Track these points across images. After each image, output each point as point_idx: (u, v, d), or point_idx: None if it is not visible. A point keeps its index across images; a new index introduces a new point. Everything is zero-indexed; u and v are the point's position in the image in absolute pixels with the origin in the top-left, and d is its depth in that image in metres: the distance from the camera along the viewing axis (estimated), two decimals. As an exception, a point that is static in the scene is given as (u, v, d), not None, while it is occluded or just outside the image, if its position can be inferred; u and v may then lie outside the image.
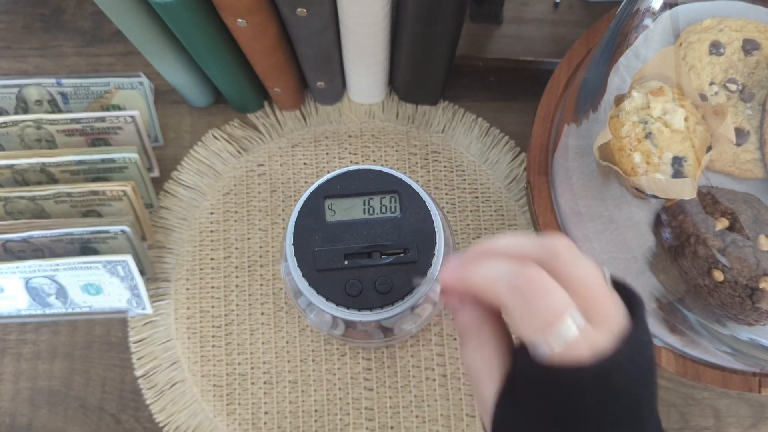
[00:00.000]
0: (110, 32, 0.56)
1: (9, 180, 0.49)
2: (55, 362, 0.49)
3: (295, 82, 0.50)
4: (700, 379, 0.41)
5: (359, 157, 0.53)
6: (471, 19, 0.52)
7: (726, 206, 0.35)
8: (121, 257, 0.46)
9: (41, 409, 0.48)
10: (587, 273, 0.23)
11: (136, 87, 0.52)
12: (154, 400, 0.48)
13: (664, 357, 0.41)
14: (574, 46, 0.46)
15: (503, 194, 0.52)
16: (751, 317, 0.35)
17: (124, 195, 0.48)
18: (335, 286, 0.33)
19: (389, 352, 0.49)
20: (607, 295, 0.23)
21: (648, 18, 0.39)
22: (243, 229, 0.51)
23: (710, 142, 0.37)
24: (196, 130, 0.54)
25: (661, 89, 0.37)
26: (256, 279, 0.50)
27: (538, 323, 0.22)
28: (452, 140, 0.53)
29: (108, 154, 0.48)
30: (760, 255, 0.34)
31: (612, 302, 0.23)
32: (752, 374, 0.41)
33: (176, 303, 0.50)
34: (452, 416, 0.48)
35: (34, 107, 0.52)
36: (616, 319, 0.23)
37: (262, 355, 0.49)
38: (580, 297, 0.23)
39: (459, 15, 0.42)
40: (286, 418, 0.48)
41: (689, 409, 0.48)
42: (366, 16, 0.40)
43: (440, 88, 0.52)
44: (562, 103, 0.45)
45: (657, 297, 0.40)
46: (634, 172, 0.36)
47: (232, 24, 0.41)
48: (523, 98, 0.54)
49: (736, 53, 0.39)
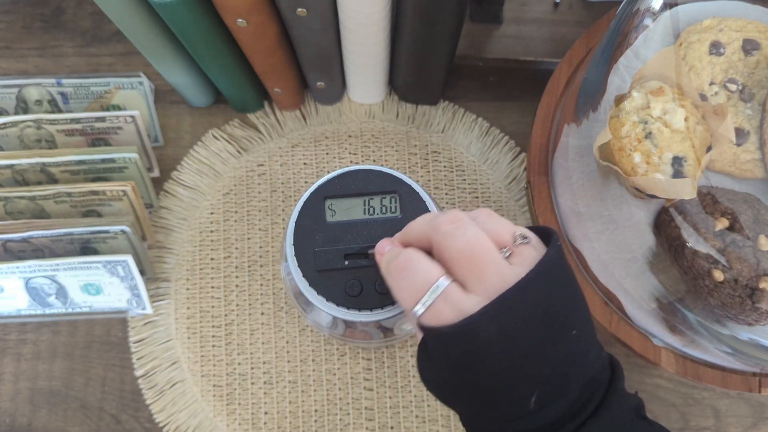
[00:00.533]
0: (110, 32, 0.56)
1: (9, 180, 0.49)
2: (55, 362, 0.49)
3: (295, 82, 0.50)
4: (700, 379, 0.41)
5: (359, 157, 0.53)
6: (471, 19, 0.52)
7: (726, 206, 0.35)
8: (121, 257, 0.46)
9: (41, 409, 0.48)
10: (462, 244, 0.27)
11: (136, 87, 0.52)
12: (154, 400, 0.48)
13: (664, 357, 0.41)
14: (574, 46, 0.46)
15: (503, 194, 0.52)
16: (751, 317, 0.35)
17: (124, 195, 0.48)
18: (335, 286, 0.33)
19: (389, 352, 0.49)
20: (483, 261, 0.26)
21: (648, 18, 0.39)
22: (243, 229, 0.51)
23: (710, 142, 0.37)
24: (196, 130, 0.54)
25: (661, 89, 0.37)
26: (256, 279, 0.50)
27: (405, 298, 0.28)
28: (452, 140, 0.53)
29: (108, 154, 0.48)
30: (760, 255, 0.34)
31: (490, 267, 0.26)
32: (752, 374, 0.41)
33: (176, 303, 0.50)
34: (452, 416, 0.48)
35: (34, 107, 0.52)
36: (495, 282, 0.26)
37: (262, 355, 0.49)
38: (460, 265, 0.27)
39: (459, 15, 0.42)
40: (286, 418, 0.48)
41: (689, 409, 0.48)
42: (366, 16, 0.40)
43: (440, 88, 0.52)
44: (562, 103, 0.45)
45: (657, 297, 0.40)
46: (634, 172, 0.36)
47: (232, 24, 0.41)
48: (523, 98, 0.54)
49: (736, 53, 0.39)
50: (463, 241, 0.27)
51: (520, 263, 0.27)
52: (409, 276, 0.27)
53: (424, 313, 0.27)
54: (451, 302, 0.26)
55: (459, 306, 0.26)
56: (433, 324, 0.27)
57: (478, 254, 0.26)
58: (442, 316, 0.26)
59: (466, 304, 0.26)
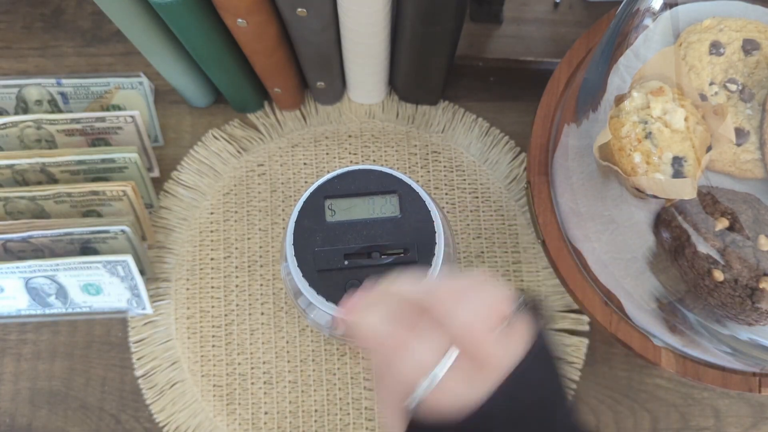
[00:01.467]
0: (110, 32, 0.56)
1: (9, 180, 0.49)
2: (55, 362, 0.49)
3: (295, 82, 0.50)
4: (700, 379, 0.41)
5: (359, 157, 0.53)
6: (471, 19, 0.52)
7: (726, 206, 0.35)
8: (121, 257, 0.46)
9: (41, 409, 0.48)
10: (464, 319, 0.24)
11: (136, 87, 0.52)
12: (154, 400, 0.48)
13: (664, 357, 0.41)
14: (574, 46, 0.46)
15: (503, 194, 0.52)
16: (751, 317, 0.35)
17: (124, 195, 0.48)
18: (335, 286, 0.33)
19: (389, 352, 0.49)
20: (483, 339, 0.24)
21: (648, 18, 0.39)
22: (243, 229, 0.51)
23: (710, 142, 0.37)
24: (196, 130, 0.54)
25: (661, 89, 0.37)
26: (256, 279, 0.50)
27: (395, 389, 0.25)
28: (452, 140, 0.53)
29: (108, 154, 0.48)
30: (760, 255, 0.34)
31: (490, 348, 0.24)
32: (752, 374, 0.41)
33: (176, 303, 0.50)
34: (452, 416, 0.48)
35: (34, 107, 0.52)
36: (496, 364, 0.24)
37: (262, 355, 0.49)
38: (459, 341, 0.24)
39: (459, 15, 0.42)
40: (286, 418, 0.48)
41: (689, 409, 0.48)
42: (366, 16, 0.40)
43: (440, 88, 0.52)
44: (562, 103, 0.45)
45: (657, 297, 0.40)
46: (634, 172, 0.36)
47: (232, 24, 0.41)
48: (523, 98, 0.54)
49: (736, 53, 0.39)
50: (464, 319, 0.25)
51: (517, 338, 0.25)
52: (401, 364, 0.24)
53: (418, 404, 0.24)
54: (451, 391, 0.24)
55: (461, 395, 0.24)
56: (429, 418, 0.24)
57: (479, 330, 0.24)
58: (440, 407, 0.24)
59: (469, 392, 0.24)
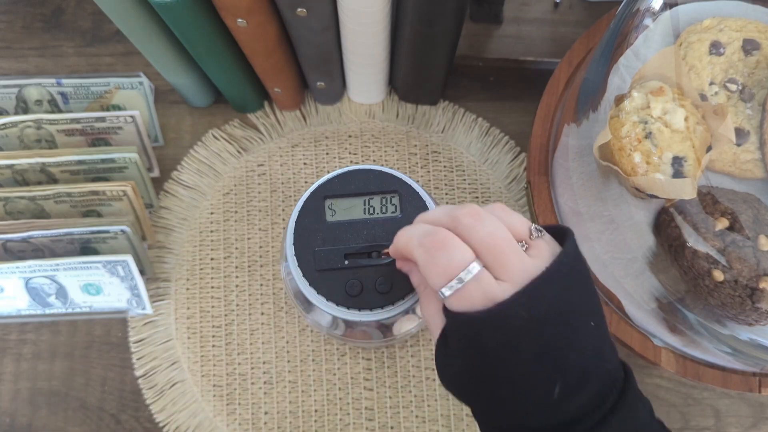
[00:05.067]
0: (110, 32, 0.56)
1: (9, 180, 0.49)
2: (55, 362, 0.49)
3: (295, 82, 0.50)
4: (700, 379, 0.41)
5: (359, 157, 0.53)
6: (471, 19, 0.52)
7: (726, 206, 0.35)
8: (121, 257, 0.46)
9: (41, 409, 0.48)
10: (487, 234, 0.27)
11: (136, 87, 0.52)
12: (154, 400, 0.48)
13: (664, 357, 0.41)
14: (574, 46, 0.46)
15: (503, 194, 0.52)
16: (751, 317, 0.35)
17: (124, 195, 0.48)
18: (335, 286, 0.33)
19: (389, 352, 0.49)
20: (507, 251, 0.27)
21: (648, 18, 0.39)
22: (243, 229, 0.51)
23: (710, 142, 0.37)
24: (196, 130, 0.54)
25: (661, 89, 0.37)
26: (256, 279, 0.50)
27: (440, 274, 0.27)
28: (452, 140, 0.53)
29: (108, 154, 0.48)
30: (760, 255, 0.34)
31: (513, 256, 0.27)
32: (752, 374, 0.41)
33: (176, 303, 0.50)
34: (452, 416, 0.48)
35: (34, 107, 0.52)
36: (519, 271, 0.26)
37: (262, 355, 0.49)
38: (483, 255, 0.27)
39: (459, 15, 0.42)
40: (286, 418, 0.48)
41: (689, 409, 0.48)
42: (366, 16, 0.40)
43: (440, 88, 0.52)
44: (562, 103, 0.45)
45: (657, 297, 0.40)
46: (634, 172, 0.36)
47: (232, 24, 0.41)
48: (523, 98, 0.54)
49: (736, 53, 0.39)
50: (486, 231, 0.27)
51: (537, 256, 0.27)
52: (446, 254, 0.27)
53: (452, 295, 0.27)
54: (482, 287, 0.26)
55: (489, 292, 0.26)
56: (461, 309, 0.27)
57: (501, 244, 0.27)
58: (471, 301, 0.26)
59: (496, 290, 0.26)
